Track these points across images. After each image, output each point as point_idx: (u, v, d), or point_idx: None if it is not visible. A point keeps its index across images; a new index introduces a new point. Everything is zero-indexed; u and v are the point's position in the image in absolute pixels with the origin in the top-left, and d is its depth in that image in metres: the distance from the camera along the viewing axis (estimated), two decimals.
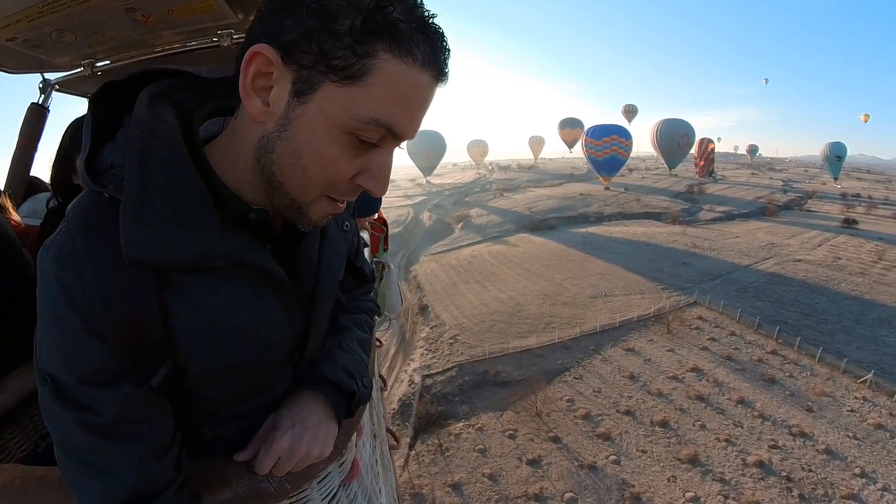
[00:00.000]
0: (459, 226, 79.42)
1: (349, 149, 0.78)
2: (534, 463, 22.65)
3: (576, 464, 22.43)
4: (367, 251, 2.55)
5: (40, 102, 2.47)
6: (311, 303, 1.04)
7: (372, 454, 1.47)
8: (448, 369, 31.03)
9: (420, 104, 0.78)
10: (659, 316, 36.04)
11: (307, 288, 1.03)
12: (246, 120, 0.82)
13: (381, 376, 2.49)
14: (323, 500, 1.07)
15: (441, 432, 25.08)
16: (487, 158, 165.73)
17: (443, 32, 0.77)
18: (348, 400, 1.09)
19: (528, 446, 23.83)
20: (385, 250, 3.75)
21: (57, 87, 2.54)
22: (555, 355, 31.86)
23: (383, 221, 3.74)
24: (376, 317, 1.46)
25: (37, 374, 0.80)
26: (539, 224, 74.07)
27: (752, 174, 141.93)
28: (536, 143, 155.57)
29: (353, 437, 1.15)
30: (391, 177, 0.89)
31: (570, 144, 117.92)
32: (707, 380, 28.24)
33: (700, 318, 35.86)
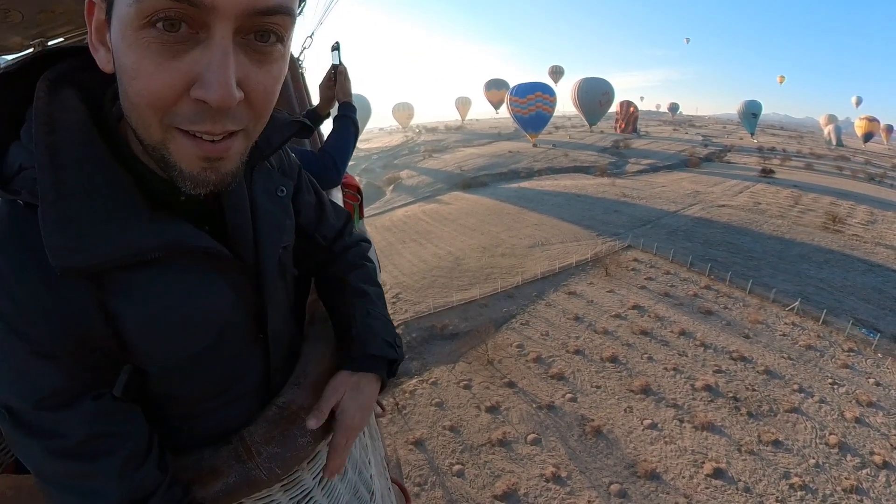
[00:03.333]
0: (390, 188, 79.28)
1: (156, 50, 0.59)
2: (493, 410, 22.59)
3: (534, 405, 22.53)
4: None
5: None
6: (259, 279, 0.95)
7: None
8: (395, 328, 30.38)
9: None
10: (596, 260, 36.74)
11: (250, 263, 0.93)
12: None
13: None
14: (314, 479, 1.06)
15: (395, 391, 24.59)
16: (414, 121, 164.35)
17: None
18: (391, 365, 1.13)
19: (485, 394, 23.75)
20: (360, 218, 3.69)
21: None
22: (499, 304, 31.92)
23: (357, 189, 3.63)
24: None
25: None
26: (471, 182, 74.98)
27: (674, 130, 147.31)
28: (463, 105, 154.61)
29: None
30: None
31: (497, 105, 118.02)
32: (649, 315, 29.02)
33: (635, 260, 36.83)
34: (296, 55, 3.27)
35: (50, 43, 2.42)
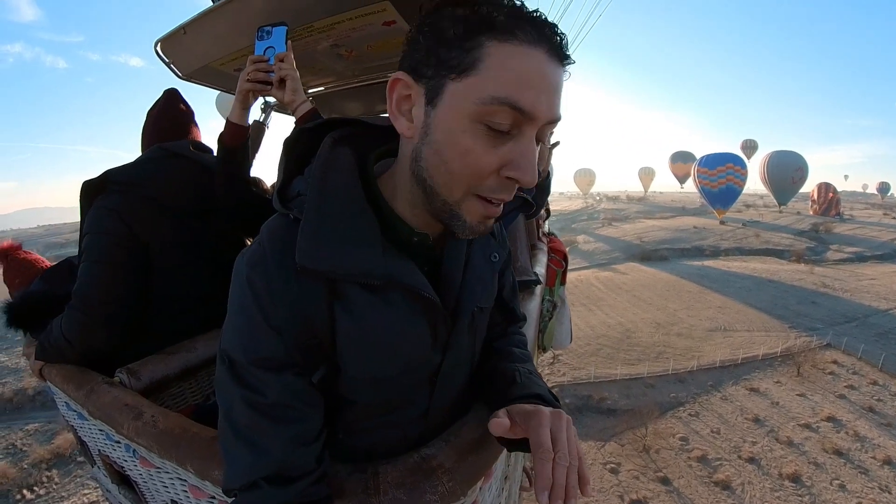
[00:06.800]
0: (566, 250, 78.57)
1: (484, 138, 0.81)
2: None
3: None
4: (539, 288, 2.71)
5: (261, 120, 2.85)
6: (451, 325, 1.08)
7: (497, 497, 1.40)
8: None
9: (539, 80, 0.80)
10: (787, 356, 33.68)
11: (449, 311, 1.06)
12: (402, 143, 0.93)
13: None
14: None
15: (530, 456, 23.74)
16: (594, 188, 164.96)
17: (546, 18, 0.82)
18: None
19: (632, 485, 22.38)
20: (562, 284, 3.83)
21: (275, 108, 2.92)
22: (668, 387, 30.44)
23: (563, 256, 3.87)
24: (541, 352, 1.72)
25: (219, 354, 0.94)
26: (650, 254, 73.72)
27: (885, 214, 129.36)
28: (646, 175, 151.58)
29: (480, 482, 1.09)
30: None
31: (682, 179, 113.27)
32: (846, 432, 25.60)
33: (835, 362, 33.16)
34: None
35: (310, 91, 3.07)
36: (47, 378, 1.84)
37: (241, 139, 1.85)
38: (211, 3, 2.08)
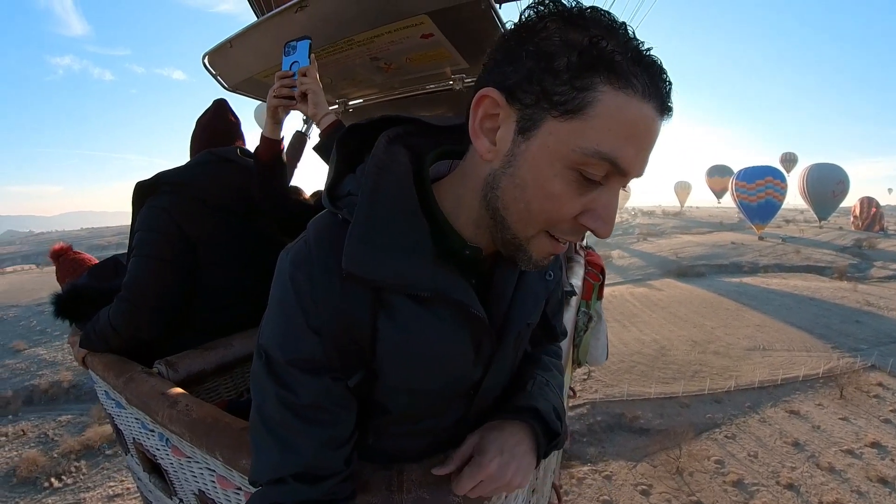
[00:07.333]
0: None
1: (573, 185, 0.78)
2: None
3: None
4: (574, 299, 2.75)
5: (303, 131, 3.01)
6: (497, 341, 1.05)
7: None
8: (579, 406, 29.73)
9: (643, 138, 0.76)
10: (829, 378, 32.68)
11: (496, 327, 1.04)
12: (474, 160, 0.88)
13: None
14: None
15: (562, 472, 23.39)
16: (629, 203, 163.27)
17: (661, 63, 0.76)
18: (550, 439, 1.12)
19: None
20: (598, 299, 3.84)
21: None
22: (703, 408, 29.80)
23: (601, 269, 3.86)
24: (576, 366, 1.77)
25: (256, 349, 0.94)
26: (686, 270, 72.77)
27: None
28: (683, 189, 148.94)
29: None
30: None
31: (719, 194, 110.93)
32: (892, 459, 24.64)
33: (880, 384, 32.08)
34: None
35: (350, 103, 3.12)
36: (89, 366, 1.91)
37: (275, 152, 1.93)
38: (256, 19, 2.16)
